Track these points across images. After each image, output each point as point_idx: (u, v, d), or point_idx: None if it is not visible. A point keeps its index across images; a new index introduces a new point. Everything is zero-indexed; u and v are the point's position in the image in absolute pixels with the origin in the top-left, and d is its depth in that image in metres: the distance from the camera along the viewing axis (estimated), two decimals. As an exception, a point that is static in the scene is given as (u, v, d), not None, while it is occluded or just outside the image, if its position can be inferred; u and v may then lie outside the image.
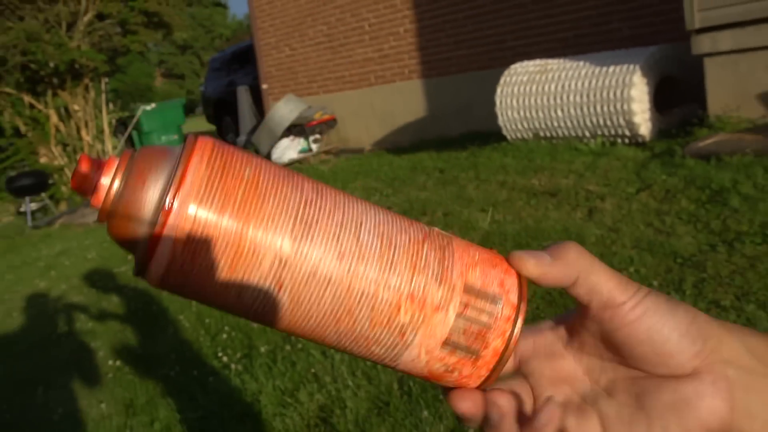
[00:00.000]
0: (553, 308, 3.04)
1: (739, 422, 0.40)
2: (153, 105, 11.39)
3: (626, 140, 5.48)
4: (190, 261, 0.37)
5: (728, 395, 0.39)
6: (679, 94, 5.63)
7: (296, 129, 9.12)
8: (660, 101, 5.51)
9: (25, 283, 6.23)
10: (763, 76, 4.86)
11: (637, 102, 5.32)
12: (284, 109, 8.95)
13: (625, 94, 5.35)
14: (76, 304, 5.11)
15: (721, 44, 4.98)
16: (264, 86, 10.84)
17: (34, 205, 9.55)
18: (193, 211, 0.36)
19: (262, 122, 9.43)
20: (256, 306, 0.39)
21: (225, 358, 3.52)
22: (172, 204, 0.35)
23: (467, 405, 0.43)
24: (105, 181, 0.37)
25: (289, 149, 8.77)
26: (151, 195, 0.36)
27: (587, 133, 5.69)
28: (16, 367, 4.25)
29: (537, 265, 0.42)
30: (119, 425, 3.18)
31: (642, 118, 5.35)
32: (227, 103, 12.93)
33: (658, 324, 0.40)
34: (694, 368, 0.39)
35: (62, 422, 3.39)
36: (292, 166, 8.23)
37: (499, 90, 6.25)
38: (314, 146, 9.28)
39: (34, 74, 10.36)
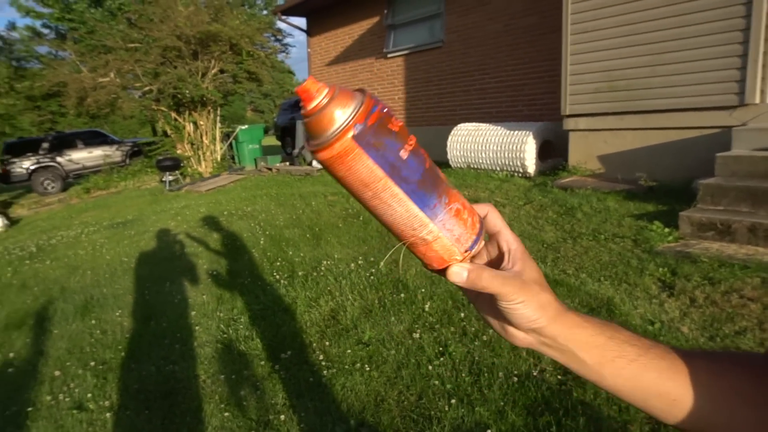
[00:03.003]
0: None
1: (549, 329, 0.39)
2: (245, 126, 11.11)
3: (520, 175, 5.47)
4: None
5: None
6: (553, 151, 5.63)
7: (329, 149, 9.08)
8: (542, 154, 5.51)
9: (163, 222, 6.14)
10: (601, 146, 4.88)
11: (529, 153, 5.32)
12: (323, 137, 8.89)
13: (522, 148, 5.34)
14: (191, 237, 5.05)
15: (579, 125, 4.99)
16: (312, 122, 10.72)
17: (170, 177, 9.40)
18: (358, 130, 0.36)
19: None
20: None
21: (277, 276, 3.50)
22: (353, 123, 0.36)
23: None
24: (319, 97, 0.37)
25: (323, 160, 8.71)
26: (343, 114, 0.36)
27: (498, 168, 5.68)
28: (154, 269, 4.20)
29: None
30: (213, 309, 3.16)
31: (531, 163, 5.35)
32: (289, 129, 12.75)
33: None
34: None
35: (180, 304, 3.36)
36: (321, 170, 8.15)
37: (449, 138, 6.21)
38: (338, 160, 9.26)
39: (179, 101, 10.18)
